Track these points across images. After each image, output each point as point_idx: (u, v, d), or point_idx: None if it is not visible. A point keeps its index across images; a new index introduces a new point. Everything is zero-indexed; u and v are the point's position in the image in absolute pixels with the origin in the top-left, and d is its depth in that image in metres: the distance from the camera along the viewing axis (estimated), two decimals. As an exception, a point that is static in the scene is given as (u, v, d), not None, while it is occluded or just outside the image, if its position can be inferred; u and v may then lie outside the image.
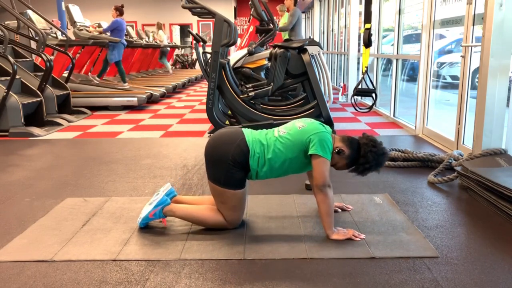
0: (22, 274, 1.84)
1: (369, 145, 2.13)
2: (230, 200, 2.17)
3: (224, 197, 2.18)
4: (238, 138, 2.15)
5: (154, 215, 2.23)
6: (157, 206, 2.23)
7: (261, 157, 2.14)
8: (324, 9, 12.58)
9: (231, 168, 2.11)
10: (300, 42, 4.51)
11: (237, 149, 2.12)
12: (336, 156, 2.15)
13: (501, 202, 2.40)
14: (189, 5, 4.28)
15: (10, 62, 4.91)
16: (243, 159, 2.12)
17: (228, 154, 2.11)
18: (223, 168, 2.12)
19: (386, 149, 2.19)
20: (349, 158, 2.16)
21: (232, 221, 2.23)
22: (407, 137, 4.56)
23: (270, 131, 2.24)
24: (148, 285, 1.75)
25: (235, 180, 2.14)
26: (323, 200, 2.09)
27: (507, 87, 3.01)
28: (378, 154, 2.13)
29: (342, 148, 2.15)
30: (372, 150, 2.11)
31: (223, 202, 2.19)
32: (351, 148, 2.15)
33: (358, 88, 4.60)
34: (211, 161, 2.18)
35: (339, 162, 2.18)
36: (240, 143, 2.14)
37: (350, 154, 2.15)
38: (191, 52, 17.96)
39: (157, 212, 2.23)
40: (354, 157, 2.16)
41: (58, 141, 4.58)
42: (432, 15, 4.40)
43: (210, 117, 4.38)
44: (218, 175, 2.14)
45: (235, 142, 2.14)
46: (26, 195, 2.85)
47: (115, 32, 7.67)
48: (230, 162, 2.10)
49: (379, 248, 2.02)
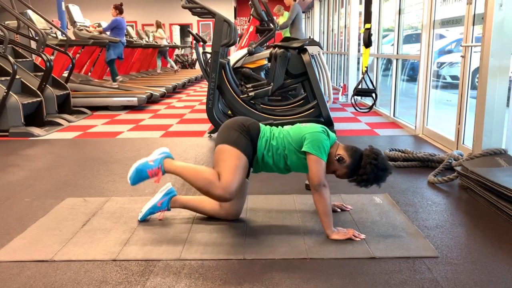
0: (22, 274, 1.84)
1: (371, 157, 2.11)
2: (233, 158, 2.13)
3: (228, 154, 2.15)
4: (252, 120, 2.31)
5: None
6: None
7: (268, 141, 2.22)
8: (324, 9, 12.58)
9: (244, 133, 2.19)
10: (300, 42, 4.51)
11: (253, 124, 2.26)
12: (336, 163, 2.17)
13: (501, 202, 2.40)
14: (189, 5, 4.28)
15: (10, 62, 4.91)
16: (255, 134, 2.23)
17: (245, 123, 2.24)
18: (238, 131, 2.20)
19: (388, 164, 2.16)
20: (349, 167, 2.16)
21: (227, 183, 2.09)
22: (407, 137, 4.56)
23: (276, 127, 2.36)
24: (148, 285, 1.75)
25: (245, 145, 2.18)
26: (319, 200, 2.10)
27: (507, 87, 3.01)
28: (378, 168, 2.10)
29: (343, 156, 2.15)
30: (372, 163, 2.09)
31: (225, 160, 2.14)
32: (352, 157, 2.15)
33: (358, 88, 4.60)
34: (227, 128, 2.24)
35: (339, 170, 2.19)
36: (256, 122, 2.30)
37: (351, 163, 2.15)
38: (191, 52, 17.97)
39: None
40: (355, 167, 2.15)
41: (58, 141, 4.59)
42: (432, 15, 4.40)
43: (210, 117, 4.39)
44: (231, 136, 2.19)
45: (250, 120, 2.30)
46: (26, 195, 2.85)
47: (115, 31, 7.67)
48: (245, 129, 2.21)
49: (379, 248, 2.02)
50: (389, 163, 2.19)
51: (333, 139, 2.22)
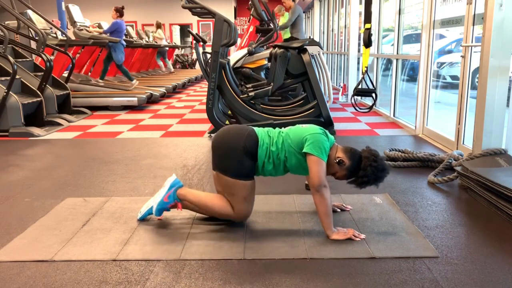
0: (22, 274, 1.84)
1: (370, 159, 2.13)
2: (241, 191, 2.18)
3: (233, 188, 2.19)
4: (248, 129, 2.24)
5: (169, 198, 2.27)
6: (170, 188, 2.28)
7: (268, 148, 2.20)
8: (324, 9, 12.58)
9: (242, 156, 2.15)
10: (300, 42, 4.51)
11: (248, 138, 2.19)
12: (336, 166, 2.17)
13: (501, 202, 2.40)
14: (189, 5, 4.28)
15: (10, 62, 4.91)
16: (254, 147, 2.18)
17: (240, 142, 2.17)
18: (234, 157, 2.16)
19: (387, 165, 2.20)
20: (349, 169, 2.17)
21: (241, 212, 2.23)
22: (407, 137, 4.56)
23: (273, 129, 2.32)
24: (148, 285, 1.75)
25: (245, 169, 2.17)
26: (320, 201, 2.10)
27: (507, 87, 3.01)
28: (378, 169, 2.12)
29: (343, 159, 2.16)
30: (373, 165, 2.11)
31: (232, 193, 2.20)
32: (352, 160, 2.16)
33: (358, 88, 4.60)
34: (221, 151, 2.20)
35: (338, 172, 2.20)
36: (251, 132, 2.23)
37: (350, 165, 2.16)
38: (191, 52, 17.96)
39: (171, 194, 2.27)
40: (354, 169, 2.16)
41: (58, 141, 4.59)
42: (432, 15, 4.40)
43: (210, 117, 4.39)
44: (227, 164, 2.17)
45: (245, 132, 2.22)
46: (26, 195, 2.85)
47: (115, 33, 7.67)
48: (242, 150, 2.15)
49: (379, 248, 2.02)
50: (386, 163, 2.21)
51: (331, 141, 2.22)
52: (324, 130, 2.22)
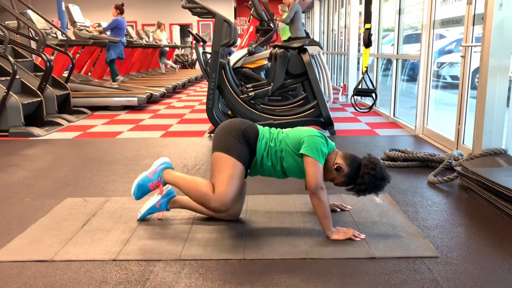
0: (22, 274, 1.84)
1: (369, 167, 2.09)
2: (229, 168, 2.12)
3: (221, 164, 2.13)
4: (249, 122, 2.29)
5: (154, 175, 2.29)
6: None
7: (267, 143, 2.21)
8: (324, 9, 12.58)
9: (239, 137, 2.18)
10: (300, 42, 4.51)
11: (249, 127, 2.24)
12: (334, 172, 2.16)
13: (501, 202, 2.40)
14: (189, 5, 4.28)
15: (10, 62, 4.90)
16: (253, 137, 2.21)
17: (241, 127, 2.22)
18: (231, 135, 2.18)
19: (386, 173, 2.14)
20: (347, 176, 2.15)
21: (221, 194, 2.09)
22: (407, 137, 4.56)
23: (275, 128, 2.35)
24: (148, 285, 1.75)
25: (239, 149, 2.16)
26: (318, 204, 2.09)
27: (507, 87, 3.01)
28: (376, 177, 2.08)
29: (342, 165, 2.14)
30: (371, 173, 2.08)
31: (219, 171, 2.14)
32: (350, 167, 2.14)
33: (358, 88, 4.61)
34: (222, 132, 2.23)
35: (337, 179, 2.19)
36: (253, 124, 2.29)
37: (349, 172, 2.14)
38: (191, 52, 17.96)
39: (158, 171, 2.29)
40: (353, 176, 2.14)
41: (58, 141, 4.59)
42: (432, 15, 4.40)
43: (210, 117, 4.39)
44: (223, 140, 2.19)
45: (248, 122, 2.28)
46: (26, 195, 2.85)
47: (115, 31, 7.67)
48: (241, 132, 2.19)
49: (379, 248, 2.02)
50: (387, 172, 2.15)
51: (331, 147, 2.21)
52: (323, 134, 2.21)
